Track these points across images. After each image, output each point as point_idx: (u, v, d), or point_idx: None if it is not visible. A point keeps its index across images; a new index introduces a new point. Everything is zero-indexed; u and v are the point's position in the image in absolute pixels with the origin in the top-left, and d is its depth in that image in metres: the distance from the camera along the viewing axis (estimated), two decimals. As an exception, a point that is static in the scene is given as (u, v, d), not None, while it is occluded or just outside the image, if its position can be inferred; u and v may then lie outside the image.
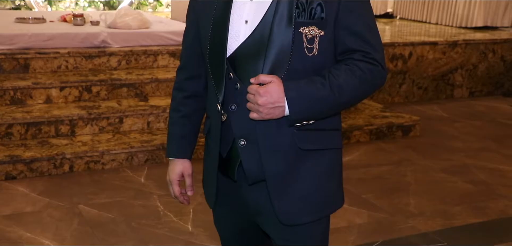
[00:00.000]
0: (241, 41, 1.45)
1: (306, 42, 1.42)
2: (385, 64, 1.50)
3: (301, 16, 1.42)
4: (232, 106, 1.47)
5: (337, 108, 1.47)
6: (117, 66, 4.75)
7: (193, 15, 1.59)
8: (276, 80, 1.38)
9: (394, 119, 4.90)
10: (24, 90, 4.20)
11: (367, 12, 1.49)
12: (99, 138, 4.09)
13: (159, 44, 4.99)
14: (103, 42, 4.76)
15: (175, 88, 1.67)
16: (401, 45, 5.80)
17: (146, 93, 4.56)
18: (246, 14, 1.46)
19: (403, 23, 7.67)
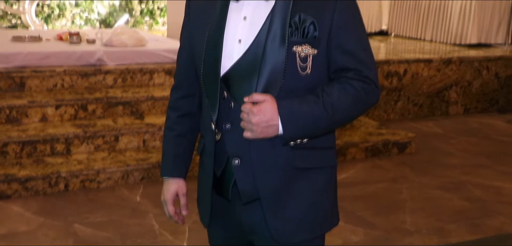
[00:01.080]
0: (234, 60, 1.46)
1: (299, 61, 1.43)
2: (379, 82, 1.52)
3: (294, 35, 1.43)
4: (226, 125, 1.47)
5: (331, 126, 1.48)
6: (113, 84, 4.75)
7: (187, 34, 1.61)
8: (270, 99, 1.39)
9: (390, 136, 4.91)
10: (19, 108, 4.20)
11: (360, 30, 1.50)
12: (95, 156, 4.08)
13: (155, 62, 5.00)
14: (99, 60, 4.77)
15: (169, 107, 1.68)
16: (396, 63, 5.84)
17: (142, 111, 4.57)
18: (239, 33, 1.47)
19: (398, 40, 7.72)
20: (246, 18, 1.47)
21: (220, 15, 1.49)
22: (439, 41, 7.25)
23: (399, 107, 5.94)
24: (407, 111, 5.99)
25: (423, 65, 5.96)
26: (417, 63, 5.94)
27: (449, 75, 6.11)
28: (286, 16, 1.43)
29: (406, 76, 5.89)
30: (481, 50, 6.67)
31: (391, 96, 5.87)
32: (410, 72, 5.91)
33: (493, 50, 6.71)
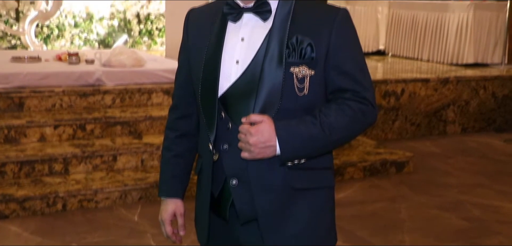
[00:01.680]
0: (232, 81, 1.47)
1: (296, 82, 1.44)
2: (376, 103, 1.53)
3: (291, 56, 1.44)
4: (224, 145, 1.48)
5: (328, 147, 1.49)
6: (112, 104, 4.77)
7: (185, 55, 1.62)
8: (267, 119, 1.40)
9: (388, 156, 4.92)
10: (18, 128, 4.21)
11: (357, 51, 1.52)
12: (93, 176, 4.07)
13: (154, 82, 5.02)
14: (98, 80, 4.79)
15: (167, 127, 1.69)
16: (393, 82, 5.87)
17: (140, 131, 4.57)
18: (237, 54, 1.48)
19: (395, 60, 7.76)
20: (244, 39, 1.48)
21: (218, 36, 1.51)
22: (436, 61, 7.30)
23: (397, 127, 5.96)
24: (404, 131, 6.01)
25: (421, 85, 5.99)
26: (415, 83, 5.97)
27: (446, 94, 6.14)
28: (283, 38, 1.45)
29: (404, 96, 5.92)
30: (477, 70, 6.71)
31: (389, 116, 5.89)
32: (408, 91, 5.94)
33: (489, 70, 6.75)
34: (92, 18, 7.50)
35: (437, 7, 7.33)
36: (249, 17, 1.49)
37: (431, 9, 7.39)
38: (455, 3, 7.14)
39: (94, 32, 7.55)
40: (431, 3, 7.48)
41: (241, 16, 1.49)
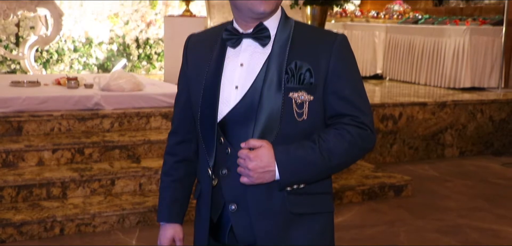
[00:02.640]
0: (231, 106, 1.48)
1: (295, 107, 1.45)
2: (374, 128, 1.54)
3: (290, 81, 1.46)
4: (223, 170, 1.49)
5: (327, 172, 1.49)
6: (110, 128, 4.77)
7: (184, 80, 1.63)
8: (266, 145, 1.41)
9: (386, 179, 4.92)
10: (16, 153, 4.20)
11: (355, 76, 1.53)
12: (91, 200, 4.06)
13: (152, 106, 5.03)
14: (97, 104, 4.80)
15: (166, 152, 1.69)
16: (391, 106, 5.89)
17: (139, 155, 4.57)
18: (236, 79, 1.50)
19: (393, 84, 7.80)
20: (243, 64, 1.50)
21: (218, 62, 1.52)
22: (433, 85, 7.34)
23: (395, 150, 5.97)
24: (402, 154, 6.01)
25: (418, 109, 6.02)
26: (412, 107, 5.99)
27: (444, 118, 6.16)
28: (282, 63, 1.46)
29: (401, 120, 5.94)
30: (475, 94, 6.74)
31: (387, 139, 5.90)
32: (405, 115, 5.96)
33: (486, 94, 6.79)
34: (91, 43, 7.55)
35: (433, 32, 7.40)
36: (248, 43, 1.51)
37: (427, 34, 7.45)
38: (451, 28, 7.20)
39: (93, 57, 7.58)
40: (428, 28, 7.55)
41: (241, 42, 1.51)
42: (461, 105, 6.23)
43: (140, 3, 7.76)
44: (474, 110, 6.30)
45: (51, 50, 7.28)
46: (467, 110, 6.27)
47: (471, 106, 6.28)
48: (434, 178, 5.51)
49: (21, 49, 6.89)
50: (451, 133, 6.22)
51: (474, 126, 6.33)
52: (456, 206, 4.69)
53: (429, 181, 5.37)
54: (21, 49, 6.89)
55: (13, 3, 6.18)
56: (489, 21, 7.31)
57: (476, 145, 6.38)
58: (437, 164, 5.97)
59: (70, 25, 7.38)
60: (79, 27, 7.48)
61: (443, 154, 6.23)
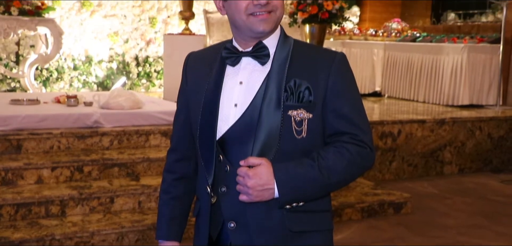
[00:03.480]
0: (230, 124, 1.49)
1: (294, 124, 1.46)
2: (373, 146, 1.55)
3: (289, 99, 1.47)
4: (222, 188, 1.49)
5: (326, 190, 1.50)
6: (109, 146, 4.77)
7: (184, 98, 1.64)
8: (265, 162, 1.42)
9: (386, 197, 4.91)
10: (15, 171, 4.20)
11: (354, 94, 1.54)
12: (90, 218, 4.05)
13: (151, 123, 5.04)
14: (96, 122, 4.81)
15: (165, 170, 1.70)
16: (390, 123, 5.91)
17: (138, 173, 4.57)
18: (236, 97, 1.51)
19: (391, 101, 7.83)
20: (242, 82, 1.51)
21: (217, 80, 1.54)
22: (431, 102, 7.36)
23: (394, 168, 5.97)
24: (402, 172, 6.01)
25: (417, 126, 6.03)
26: (411, 124, 6.01)
27: (443, 135, 6.18)
28: (281, 81, 1.48)
29: (400, 137, 5.95)
30: (473, 111, 6.76)
31: (386, 157, 5.90)
32: (404, 132, 5.97)
33: (485, 111, 6.81)
34: (91, 61, 7.58)
35: (431, 49, 7.44)
36: (247, 61, 1.52)
37: (425, 52, 7.49)
38: (449, 46, 7.24)
39: (93, 75, 7.61)
40: (426, 45, 7.59)
41: (240, 60, 1.52)
42: (459, 123, 6.24)
43: (140, 21, 7.81)
44: (472, 127, 6.32)
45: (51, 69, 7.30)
46: (466, 127, 6.28)
47: (469, 124, 6.30)
48: (434, 195, 5.50)
49: (21, 68, 6.91)
50: (450, 150, 6.23)
51: (473, 143, 6.34)
52: (456, 223, 4.68)
53: (429, 198, 5.36)
54: (21, 68, 6.91)
55: (13, 22, 6.22)
56: (486, 39, 7.36)
57: (475, 162, 6.39)
58: (436, 181, 5.97)
59: (70, 44, 7.42)
60: (79, 46, 7.51)
61: (442, 171, 6.23)
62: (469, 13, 8.81)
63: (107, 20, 7.60)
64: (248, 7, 1.45)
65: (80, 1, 7.41)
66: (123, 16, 7.69)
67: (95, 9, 7.50)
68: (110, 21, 7.63)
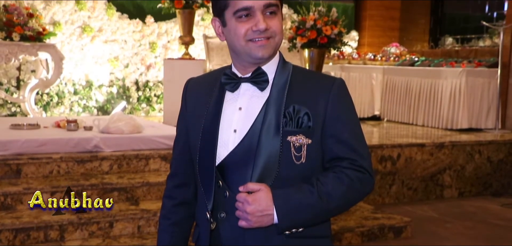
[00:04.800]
0: (230, 150, 1.49)
1: (294, 150, 1.47)
2: (373, 171, 1.55)
3: (288, 125, 1.48)
4: (221, 214, 1.49)
5: (326, 215, 1.50)
6: (109, 171, 4.77)
7: (183, 124, 1.65)
8: (265, 188, 1.42)
9: (386, 221, 4.90)
10: (14, 195, 4.19)
11: (353, 120, 1.55)
12: (89, 242, 4.03)
13: (151, 148, 5.04)
14: (96, 147, 4.82)
15: (165, 195, 1.70)
16: (389, 147, 5.91)
17: (137, 197, 4.56)
18: (235, 123, 1.52)
19: (391, 125, 7.84)
20: (242, 108, 1.52)
21: (216, 105, 1.55)
22: (430, 126, 7.37)
23: (394, 191, 5.96)
24: (402, 195, 6.00)
25: (416, 150, 6.04)
26: (410, 148, 6.01)
27: (442, 159, 6.18)
28: (280, 107, 1.49)
29: (400, 161, 5.95)
30: (472, 135, 6.77)
31: (386, 180, 5.90)
32: (404, 156, 5.97)
33: (484, 135, 6.82)
34: (91, 86, 7.61)
35: (430, 74, 7.48)
36: (246, 87, 1.53)
37: (424, 76, 7.54)
38: (448, 70, 7.29)
39: (93, 99, 7.63)
40: (424, 70, 7.64)
41: (239, 86, 1.54)
42: (459, 146, 6.25)
43: (140, 46, 7.87)
44: (472, 151, 6.32)
45: (51, 93, 7.33)
46: (465, 151, 6.29)
47: (469, 147, 6.31)
48: (434, 219, 5.48)
49: (22, 93, 6.94)
50: (450, 174, 6.22)
51: (473, 167, 6.33)
52: (456, 247, 4.65)
53: (429, 222, 5.34)
54: (22, 93, 6.94)
55: (15, 47, 6.26)
56: (484, 64, 7.41)
57: (475, 185, 6.38)
58: (437, 205, 5.95)
59: (70, 68, 7.46)
60: (79, 70, 7.55)
61: (442, 194, 6.22)
62: (466, 38, 8.88)
63: (107, 45, 7.66)
64: (247, 33, 1.47)
65: (81, 27, 7.47)
66: (124, 41, 7.75)
67: (96, 35, 7.57)
68: (110, 46, 7.68)
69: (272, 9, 1.48)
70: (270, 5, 1.47)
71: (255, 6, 1.45)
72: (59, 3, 7.28)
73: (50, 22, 7.21)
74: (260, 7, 1.46)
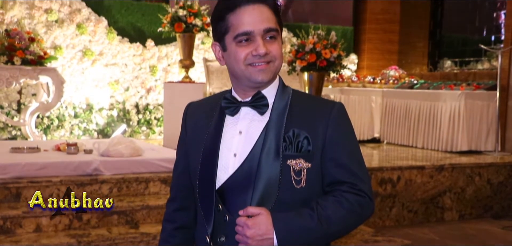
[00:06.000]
0: (230, 174, 1.50)
1: (293, 174, 1.47)
2: (373, 195, 1.55)
3: (288, 149, 1.48)
4: (221, 238, 1.49)
5: (326, 239, 1.50)
6: (109, 194, 4.76)
7: (183, 148, 1.66)
8: (265, 212, 1.42)
9: (386, 244, 4.87)
10: (14, 219, 4.18)
11: (353, 143, 1.56)
12: (88, 267, 4.01)
13: (151, 171, 5.04)
14: (96, 170, 4.82)
15: (165, 219, 1.70)
16: (389, 170, 5.91)
17: (137, 221, 4.55)
18: (235, 147, 1.52)
19: (390, 147, 7.85)
20: (241, 132, 1.53)
21: (216, 129, 1.56)
22: (430, 148, 7.38)
23: (394, 214, 5.94)
24: (402, 218, 5.98)
25: (416, 172, 6.03)
26: (410, 170, 6.01)
27: (442, 181, 6.17)
28: (280, 131, 1.50)
29: (400, 183, 5.94)
30: (472, 157, 6.77)
31: (386, 203, 5.88)
32: (404, 179, 5.97)
33: (484, 157, 6.82)
34: (92, 109, 7.64)
35: (429, 96, 7.51)
36: (246, 111, 1.55)
37: (423, 99, 7.56)
38: (447, 93, 7.32)
39: (93, 122, 7.65)
40: (423, 92, 7.67)
41: (239, 110, 1.55)
42: (459, 169, 6.24)
43: (141, 70, 7.91)
44: (472, 173, 6.32)
45: (52, 116, 7.35)
46: (465, 173, 6.28)
47: (469, 170, 6.30)
48: (435, 242, 5.45)
49: (22, 116, 6.96)
50: (450, 196, 6.21)
51: (473, 189, 6.33)
52: (458, 271, 4.63)
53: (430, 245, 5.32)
54: (22, 116, 6.96)
55: (16, 71, 6.30)
56: (483, 86, 7.44)
57: (475, 208, 6.36)
58: (437, 228, 5.93)
59: (71, 92, 7.49)
60: (80, 94, 7.58)
61: (443, 217, 6.20)
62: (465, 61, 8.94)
63: (108, 69, 7.70)
64: (247, 57, 1.49)
65: (82, 51, 7.52)
66: (124, 64, 7.80)
67: (97, 58, 7.61)
68: (111, 69, 7.73)
69: (272, 34, 1.50)
70: (270, 30, 1.49)
71: (255, 31, 1.47)
72: (61, 27, 7.34)
73: (51, 46, 7.27)
74: (260, 32, 1.48)
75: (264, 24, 1.48)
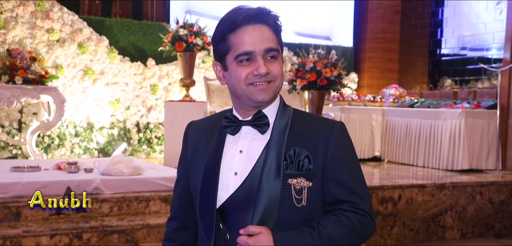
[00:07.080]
0: (230, 193, 1.50)
1: (294, 193, 1.47)
2: (374, 214, 1.55)
3: (289, 168, 1.49)
4: (222, 257, 1.49)
5: (326, 258, 1.50)
6: (109, 213, 4.75)
7: (184, 167, 1.66)
8: (265, 231, 1.42)
9: (387, 264, 4.84)
10: (13, 239, 4.16)
11: (354, 162, 1.56)
12: (87, 287, 3.98)
13: (152, 190, 5.03)
14: (96, 189, 4.81)
15: (165, 238, 1.70)
16: (390, 188, 5.89)
17: (137, 240, 4.52)
18: (235, 166, 1.53)
19: (391, 166, 7.84)
20: (242, 151, 1.53)
21: (217, 148, 1.56)
22: (431, 167, 7.37)
23: (395, 233, 5.91)
24: (403, 237, 5.95)
25: (417, 191, 6.02)
26: (411, 189, 5.99)
27: (443, 200, 6.15)
28: (281, 150, 1.50)
29: (401, 202, 5.93)
30: (473, 176, 6.76)
31: (387, 222, 5.86)
32: (405, 197, 5.95)
33: (485, 176, 6.81)
34: (92, 128, 7.64)
35: (429, 115, 7.52)
36: (247, 130, 1.55)
37: (423, 117, 7.57)
38: (447, 111, 7.33)
39: (94, 141, 7.65)
40: (424, 111, 7.68)
41: (240, 129, 1.55)
42: (460, 187, 6.23)
43: (141, 89, 7.94)
44: (473, 192, 6.30)
45: (52, 135, 7.36)
46: (466, 192, 6.26)
47: (470, 188, 6.29)
48: (436, 261, 5.42)
49: (23, 135, 6.96)
50: (451, 215, 6.19)
51: (474, 208, 6.30)
52: (460, 290, 4.59)
53: (431, 265, 5.28)
54: (23, 135, 6.96)
55: (17, 90, 6.32)
56: (483, 105, 7.46)
57: (476, 227, 6.33)
58: (439, 247, 5.90)
59: (72, 111, 7.50)
60: (81, 113, 7.60)
61: (444, 236, 6.17)
62: (465, 80, 8.97)
63: (109, 88, 7.73)
64: (248, 77, 1.50)
65: (83, 70, 7.55)
66: (125, 83, 7.83)
67: (98, 77, 7.64)
68: (112, 88, 7.75)
69: (273, 54, 1.51)
70: (270, 50, 1.50)
71: (256, 51, 1.48)
72: (62, 46, 7.38)
73: (52, 65, 7.30)
74: (261, 52, 1.49)
75: (265, 44, 1.49)
